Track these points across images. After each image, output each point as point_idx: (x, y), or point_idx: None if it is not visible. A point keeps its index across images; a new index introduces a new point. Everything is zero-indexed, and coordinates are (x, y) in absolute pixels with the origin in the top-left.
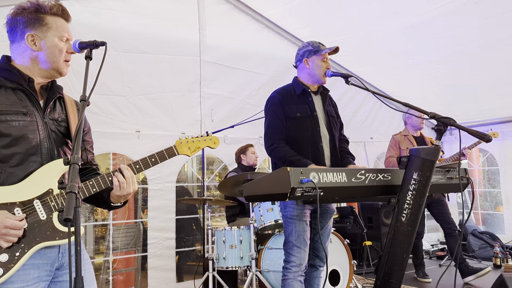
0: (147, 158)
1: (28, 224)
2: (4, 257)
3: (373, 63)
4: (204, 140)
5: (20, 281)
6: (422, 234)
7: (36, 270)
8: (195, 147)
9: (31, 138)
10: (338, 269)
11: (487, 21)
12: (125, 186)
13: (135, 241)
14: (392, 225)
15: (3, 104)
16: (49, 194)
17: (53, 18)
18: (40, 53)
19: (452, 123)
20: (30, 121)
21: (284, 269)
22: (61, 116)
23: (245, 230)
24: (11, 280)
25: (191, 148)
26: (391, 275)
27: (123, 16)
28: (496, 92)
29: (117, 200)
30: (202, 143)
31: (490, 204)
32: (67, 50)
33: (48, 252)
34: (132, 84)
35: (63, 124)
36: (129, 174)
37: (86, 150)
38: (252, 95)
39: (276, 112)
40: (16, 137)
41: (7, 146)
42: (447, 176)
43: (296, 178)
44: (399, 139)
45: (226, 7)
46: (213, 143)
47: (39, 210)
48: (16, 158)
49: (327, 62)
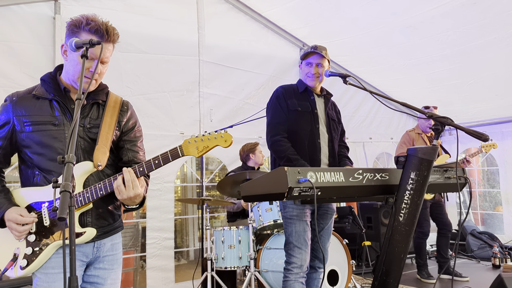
0: (151, 160)
1: (50, 222)
2: (29, 250)
3: (372, 63)
4: (215, 138)
5: (58, 267)
6: (428, 234)
7: None
8: (203, 147)
9: (56, 147)
10: (337, 269)
11: (486, 21)
12: (124, 190)
13: (133, 241)
14: (389, 224)
15: (36, 115)
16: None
17: (87, 34)
18: (66, 63)
19: (449, 122)
20: (56, 130)
21: (285, 271)
22: (92, 123)
23: (244, 230)
24: (52, 265)
25: (198, 148)
26: (389, 275)
27: (121, 16)
28: (495, 92)
29: (126, 202)
30: (212, 141)
31: (490, 204)
32: (89, 68)
33: (83, 246)
34: (131, 84)
35: (94, 130)
36: (129, 177)
37: (127, 149)
38: (251, 95)
39: (280, 104)
40: (44, 145)
41: (37, 154)
42: (445, 176)
43: (293, 177)
44: (414, 136)
45: (225, 7)
46: (224, 141)
47: None
48: (46, 165)
49: (313, 66)
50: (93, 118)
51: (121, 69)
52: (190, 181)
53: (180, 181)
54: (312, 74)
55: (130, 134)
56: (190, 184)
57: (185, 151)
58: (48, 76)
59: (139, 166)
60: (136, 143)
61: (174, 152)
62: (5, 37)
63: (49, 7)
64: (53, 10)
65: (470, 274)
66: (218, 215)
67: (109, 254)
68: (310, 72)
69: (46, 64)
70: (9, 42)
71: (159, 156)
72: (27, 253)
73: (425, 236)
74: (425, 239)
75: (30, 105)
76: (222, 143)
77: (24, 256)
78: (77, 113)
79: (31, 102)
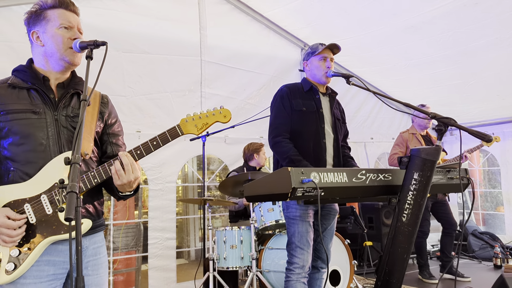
0: (148, 142)
1: (37, 220)
2: (15, 252)
3: (374, 63)
4: (213, 114)
5: (32, 277)
6: (428, 233)
7: (52, 267)
8: (202, 124)
9: (39, 136)
10: (339, 269)
11: (487, 21)
12: (123, 174)
13: (135, 241)
14: (392, 225)
15: (14, 103)
16: (55, 188)
17: (51, 11)
18: (45, 47)
19: (452, 123)
20: (37, 119)
21: (287, 271)
22: (75, 112)
23: (246, 230)
24: (24, 275)
25: (197, 126)
26: (391, 275)
27: (124, 16)
28: (497, 93)
29: (123, 189)
30: (210, 118)
31: (491, 204)
32: (70, 37)
33: (65, 250)
34: (133, 84)
35: (77, 120)
36: (127, 160)
37: (111, 143)
38: (252, 95)
39: (284, 104)
40: (24, 135)
41: (16, 144)
42: (447, 176)
43: (297, 178)
44: (407, 137)
45: (227, 8)
46: (223, 117)
47: (45, 205)
48: (25, 156)
49: (328, 61)
50: (75, 108)
51: (123, 69)
52: (191, 181)
53: (182, 181)
54: (329, 68)
55: (113, 127)
56: (192, 184)
57: (184, 130)
58: (22, 66)
59: (136, 149)
60: (119, 137)
61: (173, 132)
62: (6, 37)
63: None
64: None
65: (472, 275)
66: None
67: (91, 259)
68: (327, 65)
69: None
70: (10, 43)
71: (157, 137)
72: (13, 255)
73: (425, 235)
74: (425, 238)
75: (5, 94)
76: (221, 118)
77: (10, 259)
78: (83, 113)
79: (7, 91)
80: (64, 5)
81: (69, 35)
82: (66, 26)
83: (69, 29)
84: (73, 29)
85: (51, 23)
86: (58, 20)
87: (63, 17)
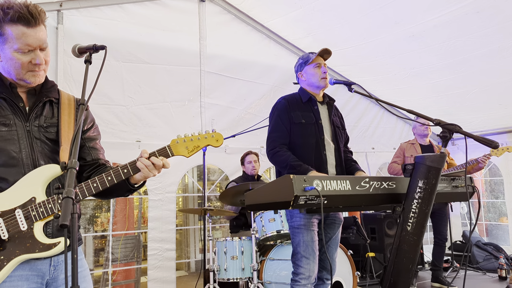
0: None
1: (9, 235)
2: None
3: (374, 72)
4: (205, 138)
5: None
6: (447, 239)
7: (25, 282)
8: (193, 146)
9: (10, 150)
10: (342, 281)
11: (489, 30)
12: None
13: (134, 252)
14: (397, 234)
15: None
16: (32, 203)
17: (9, 26)
18: (3, 63)
19: (457, 129)
20: (8, 131)
21: (293, 282)
22: (48, 121)
23: (247, 241)
24: None
25: (188, 148)
26: (396, 286)
27: (123, 26)
28: (499, 102)
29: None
30: (202, 141)
31: (494, 215)
32: (32, 61)
33: (38, 264)
34: (133, 94)
35: (51, 130)
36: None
37: (88, 148)
38: (253, 105)
39: (281, 117)
40: None
41: None
42: (452, 185)
43: (299, 185)
44: (404, 146)
45: (227, 17)
46: (216, 141)
47: (20, 220)
48: None
49: (322, 67)
50: (48, 117)
51: (123, 79)
52: (191, 191)
53: (182, 192)
54: (325, 73)
55: (89, 132)
56: (192, 195)
57: (174, 151)
58: None
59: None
60: (96, 141)
61: (163, 153)
62: None
63: (52, 17)
64: (56, 20)
65: (477, 287)
66: (219, 226)
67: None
68: (323, 71)
69: (49, 73)
70: None
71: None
72: None
73: (446, 241)
74: (445, 242)
75: None
76: (213, 142)
77: None
78: (80, 118)
79: None
80: (24, 21)
81: (28, 59)
82: (25, 51)
83: (28, 53)
84: (34, 51)
85: (8, 43)
86: (16, 42)
87: (21, 40)
